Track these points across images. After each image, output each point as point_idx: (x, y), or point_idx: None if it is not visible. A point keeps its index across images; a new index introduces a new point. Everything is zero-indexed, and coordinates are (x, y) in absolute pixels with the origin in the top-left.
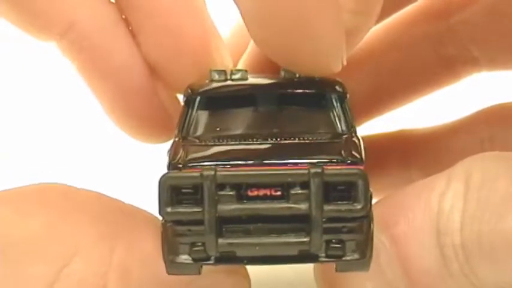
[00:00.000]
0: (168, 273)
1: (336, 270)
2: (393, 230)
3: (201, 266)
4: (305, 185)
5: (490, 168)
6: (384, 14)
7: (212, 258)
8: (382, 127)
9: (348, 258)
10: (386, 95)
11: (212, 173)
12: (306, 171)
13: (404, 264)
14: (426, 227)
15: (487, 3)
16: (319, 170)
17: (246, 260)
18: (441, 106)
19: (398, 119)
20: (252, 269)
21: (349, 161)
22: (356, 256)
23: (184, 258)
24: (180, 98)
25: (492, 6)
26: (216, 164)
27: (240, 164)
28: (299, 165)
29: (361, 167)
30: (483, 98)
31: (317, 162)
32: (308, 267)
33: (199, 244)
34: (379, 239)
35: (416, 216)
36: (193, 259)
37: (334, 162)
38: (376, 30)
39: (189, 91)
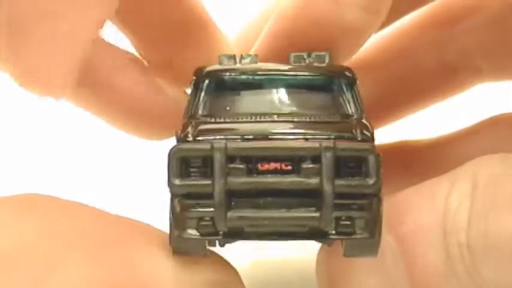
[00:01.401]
0: (174, 253)
1: (344, 255)
2: (399, 229)
3: (207, 243)
4: (316, 159)
5: (498, 168)
6: (389, 19)
7: (220, 233)
8: (384, 138)
9: (358, 236)
10: (389, 104)
11: (223, 145)
12: (318, 145)
13: (409, 263)
14: (432, 226)
15: (492, 11)
16: (330, 144)
17: (255, 236)
18: (443, 117)
19: (401, 130)
20: (251, 269)
21: (360, 139)
22: (365, 235)
23: (192, 233)
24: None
25: (497, 14)
26: (227, 138)
27: (250, 138)
28: (310, 140)
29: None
30: (485, 109)
31: (328, 138)
32: (308, 268)
33: (207, 219)
34: (385, 237)
35: (422, 215)
36: (200, 234)
37: (345, 138)
38: (379, 38)
39: (198, 73)
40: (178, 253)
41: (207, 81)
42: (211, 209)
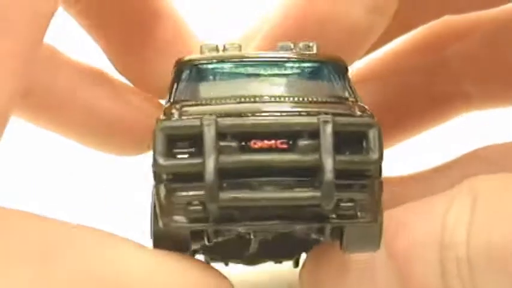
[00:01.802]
0: (154, 245)
1: (343, 249)
2: (393, 244)
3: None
4: (314, 136)
5: (497, 182)
6: (377, 44)
7: (211, 219)
8: None
9: (361, 220)
10: None
11: (213, 121)
12: (315, 120)
13: (401, 280)
14: (428, 241)
15: (484, 34)
16: (329, 119)
17: (249, 220)
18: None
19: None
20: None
21: (359, 114)
22: (368, 218)
23: (179, 219)
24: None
25: (489, 37)
26: (217, 116)
27: (242, 114)
28: (307, 116)
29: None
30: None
31: (326, 113)
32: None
33: (197, 203)
34: (378, 253)
35: (418, 229)
36: (189, 220)
37: (343, 115)
38: (366, 61)
39: (179, 63)
40: (161, 248)
41: (188, 71)
42: (201, 192)
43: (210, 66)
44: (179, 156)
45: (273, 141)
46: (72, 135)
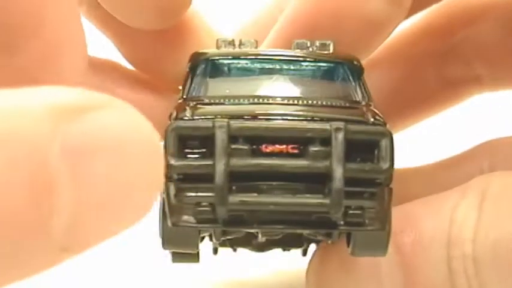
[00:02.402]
0: (164, 247)
1: (352, 253)
2: (399, 239)
3: (200, 239)
4: (325, 142)
5: (508, 180)
6: None
7: (219, 221)
8: None
9: (368, 228)
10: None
11: (225, 123)
12: (328, 127)
13: (406, 276)
14: (435, 238)
15: (500, 18)
16: (341, 126)
17: (256, 224)
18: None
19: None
20: (252, 273)
21: (372, 122)
22: (376, 226)
23: (188, 220)
24: None
25: (506, 21)
26: (229, 118)
27: (254, 118)
28: (319, 121)
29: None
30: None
31: (339, 120)
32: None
33: (206, 204)
34: None
35: (425, 226)
36: (198, 221)
37: (356, 122)
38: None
39: (194, 57)
40: (169, 246)
41: (203, 65)
42: (211, 194)
43: (225, 61)
44: (190, 156)
45: (284, 146)
46: None
